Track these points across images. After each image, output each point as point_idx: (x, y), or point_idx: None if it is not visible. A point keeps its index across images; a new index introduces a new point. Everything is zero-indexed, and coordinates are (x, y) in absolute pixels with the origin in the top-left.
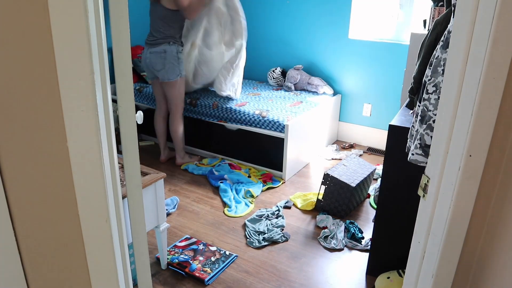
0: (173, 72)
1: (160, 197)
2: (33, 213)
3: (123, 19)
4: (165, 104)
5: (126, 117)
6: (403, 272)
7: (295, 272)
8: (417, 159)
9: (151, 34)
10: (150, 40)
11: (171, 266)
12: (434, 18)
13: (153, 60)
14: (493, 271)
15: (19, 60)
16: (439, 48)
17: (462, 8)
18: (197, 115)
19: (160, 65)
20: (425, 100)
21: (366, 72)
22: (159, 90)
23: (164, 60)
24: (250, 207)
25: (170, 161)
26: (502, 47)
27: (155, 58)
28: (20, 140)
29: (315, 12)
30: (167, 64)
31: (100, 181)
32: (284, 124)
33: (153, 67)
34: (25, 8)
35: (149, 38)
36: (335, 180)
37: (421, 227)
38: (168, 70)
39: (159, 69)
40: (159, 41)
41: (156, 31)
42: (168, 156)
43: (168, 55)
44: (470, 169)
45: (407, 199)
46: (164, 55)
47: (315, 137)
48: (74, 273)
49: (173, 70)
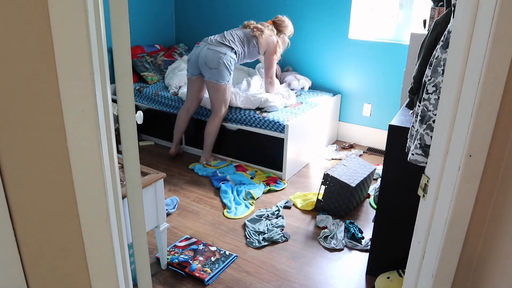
0: (224, 75)
1: (160, 197)
2: (33, 214)
3: (123, 19)
4: (195, 103)
5: (126, 117)
6: (403, 272)
7: (295, 272)
8: (417, 159)
9: (219, 37)
10: (212, 41)
11: (171, 266)
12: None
13: (210, 56)
14: (493, 271)
15: (19, 60)
16: (439, 48)
17: (462, 8)
18: (197, 115)
19: (215, 64)
20: (425, 100)
21: (366, 72)
22: (196, 88)
23: (220, 60)
24: (250, 209)
25: (171, 161)
26: (502, 47)
27: (213, 56)
28: (20, 140)
29: (315, 12)
30: (221, 65)
31: (100, 181)
32: (284, 124)
33: (206, 63)
34: (25, 8)
35: (212, 39)
36: (335, 180)
37: (421, 227)
38: (220, 72)
39: (213, 67)
40: (223, 45)
41: (226, 38)
42: (178, 151)
43: (226, 58)
44: (470, 169)
45: (407, 199)
46: (223, 56)
47: (315, 137)
48: (74, 273)
49: (225, 73)
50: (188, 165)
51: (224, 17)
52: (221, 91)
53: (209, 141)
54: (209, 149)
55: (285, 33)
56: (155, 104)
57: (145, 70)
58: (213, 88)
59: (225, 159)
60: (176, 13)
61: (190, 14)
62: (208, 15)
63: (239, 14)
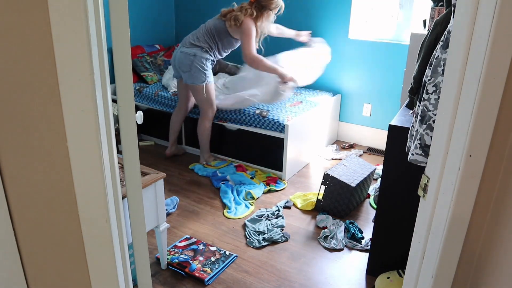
0: (198, 77)
1: (160, 197)
2: (33, 213)
3: (123, 19)
4: (186, 104)
5: (126, 117)
6: (403, 272)
7: (295, 272)
8: (417, 159)
9: (191, 37)
10: (186, 43)
11: (171, 266)
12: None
13: (181, 60)
14: (493, 271)
15: (19, 60)
16: (439, 48)
17: (462, 8)
18: (197, 116)
19: (187, 67)
20: (425, 100)
21: (366, 72)
22: (183, 90)
23: (191, 63)
24: (250, 209)
25: (171, 161)
26: (502, 47)
27: (183, 59)
28: (20, 140)
29: (315, 12)
30: (193, 68)
31: (100, 181)
32: (284, 124)
33: (180, 67)
34: (25, 8)
35: (186, 40)
36: (335, 180)
37: (421, 227)
38: (193, 74)
39: (185, 70)
40: (193, 46)
41: (196, 37)
42: (173, 152)
43: (196, 60)
44: (470, 169)
45: (407, 199)
46: (193, 58)
47: (315, 137)
48: (74, 273)
49: (198, 75)
50: (188, 165)
51: None
52: (200, 91)
53: (203, 142)
54: (206, 149)
55: (270, 9)
56: (155, 104)
57: (145, 70)
58: (192, 89)
59: (225, 159)
60: (176, 13)
61: (190, 14)
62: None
63: None
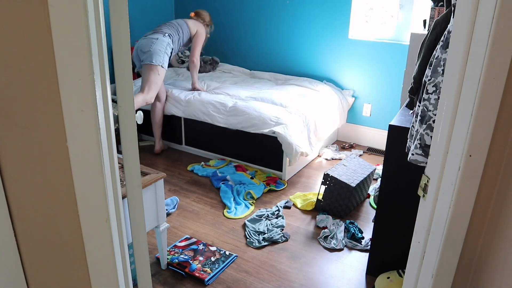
0: (157, 56)
1: (160, 197)
2: (33, 213)
3: (123, 19)
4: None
5: (126, 117)
6: (403, 272)
7: (295, 272)
8: (417, 159)
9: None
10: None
11: (171, 266)
12: (434, 18)
13: (144, 43)
14: (493, 271)
15: (19, 60)
16: (439, 48)
17: (462, 8)
18: (195, 118)
19: (147, 47)
20: (425, 100)
21: (366, 72)
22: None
23: (152, 44)
24: (250, 209)
25: (171, 161)
26: (502, 47)
27: (146, 42)
28: (20, 140)
29: (315, 12)
30: (154, 47)
31: (100, 181)
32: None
33: (141, 49)
34: (25, 8)
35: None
36: (335, 180)
37: (421, 227)
38: (153, 52)
39: (145, 51)
40: (155, 32)
41: (160, 26)
42: (162, 147)
43: (159, 42)
44: (470, 169)
45: (407, 199)
46: (155, 40)
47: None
48: (74, 273)
49: (158, 54)
50: (188, 165)
51: (224, 17)
52: (153, 71)
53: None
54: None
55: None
56: None
57: None
58: (146, 69)
59: (224, 159)
60: (176, 13)
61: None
62: None
63: (239, 14)
